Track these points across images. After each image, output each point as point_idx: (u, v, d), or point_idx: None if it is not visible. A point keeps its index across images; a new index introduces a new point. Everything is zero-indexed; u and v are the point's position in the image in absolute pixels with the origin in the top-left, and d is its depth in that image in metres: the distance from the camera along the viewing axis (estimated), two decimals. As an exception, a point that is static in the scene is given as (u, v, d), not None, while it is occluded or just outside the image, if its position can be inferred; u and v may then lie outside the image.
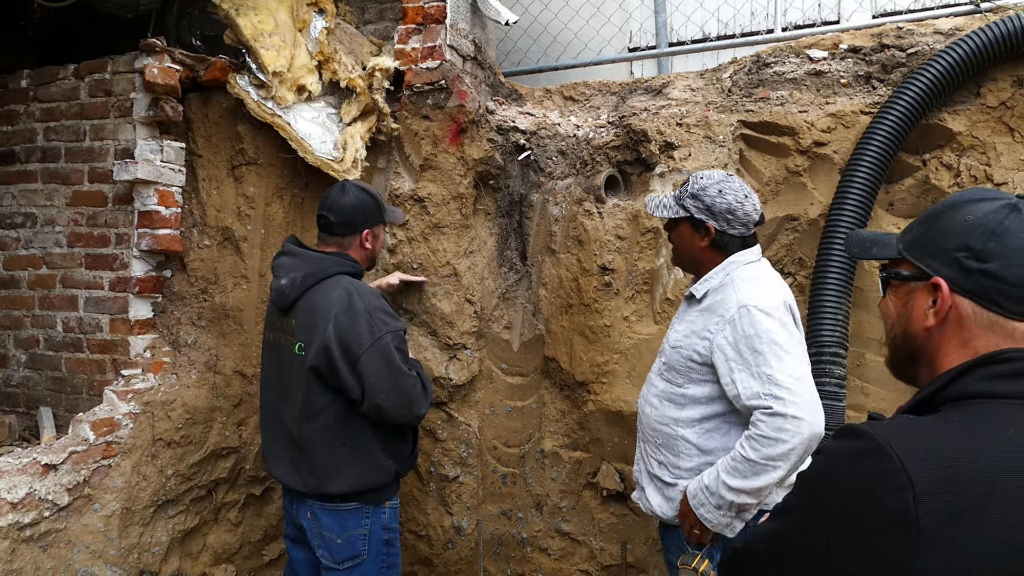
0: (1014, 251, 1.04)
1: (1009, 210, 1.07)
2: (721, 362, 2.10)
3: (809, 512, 1.08)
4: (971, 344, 1.08)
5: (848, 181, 2.77)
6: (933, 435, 0.99)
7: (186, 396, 3.21)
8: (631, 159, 3.25)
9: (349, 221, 2.58)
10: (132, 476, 2.98)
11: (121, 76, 3.24)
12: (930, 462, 0.94)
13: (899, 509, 0.92)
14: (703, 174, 2.25)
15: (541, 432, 3.39)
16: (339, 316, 2.43)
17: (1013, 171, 2.71)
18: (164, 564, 3.10)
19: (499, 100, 3.63)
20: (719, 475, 2.05)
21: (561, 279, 3.29)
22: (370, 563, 2.59)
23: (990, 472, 0.93)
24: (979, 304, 1.07)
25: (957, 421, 1.00)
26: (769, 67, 3.15)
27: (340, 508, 2.53)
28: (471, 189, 3.36)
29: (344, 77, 3.29)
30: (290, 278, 2.52)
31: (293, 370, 2.52)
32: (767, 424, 1.98)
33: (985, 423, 0.99)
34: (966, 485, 0.92)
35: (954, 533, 0.90)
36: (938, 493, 0.92)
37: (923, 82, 2.70)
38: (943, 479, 0.93)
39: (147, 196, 3.18)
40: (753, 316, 2.05)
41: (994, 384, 1.02)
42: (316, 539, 2.58)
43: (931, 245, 1.13)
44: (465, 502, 3.46)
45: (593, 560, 3.31)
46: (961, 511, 0.91)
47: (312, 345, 2.44)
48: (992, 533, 0.91)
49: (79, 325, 3.28)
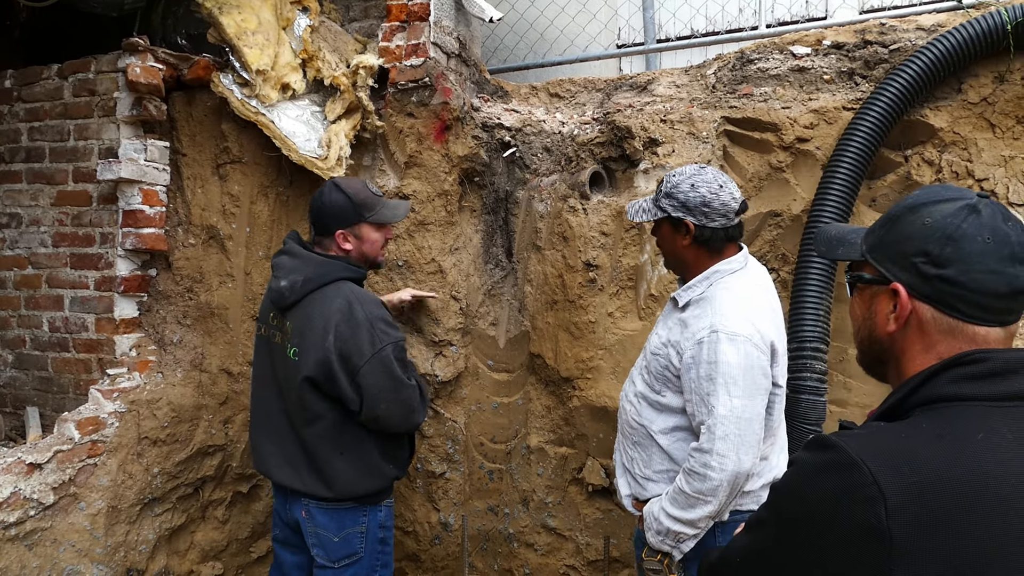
0: (971, 256, 1.03)
1: (968, 212, 1.05)
2: (686, 380, 2.11)
3: (781, 525, 1.08)
4: (934, 349, 1.07)
5: (830, 177, 2.77)
6: (904, 444, 0.98)
7: (172, 394, 3.22)
8: (616, 155, 3.25)
9: (320, 223, 2.56)
10: (118, 474, 2.99)
11: (104, 75, 3.24)
12: (901, 473, 0.94)
13: (871, 522, 0.92)
14: (674, 172, 2.22)
15: (527, 428, 3.40)
16: (340, 326, 2.38)
17: (994, 167, 2.71)
18: (151, 562, 3.12)
19: (484, 97, 3.63)
20: (662, 504, 2.12)
21: (546, 275, 3.30)
22: (366, 561, 2.59)
23: (963, 480, 0.93)
24: (938, 309, 1.06)
25: (927, 428, 1.00)
26: (753, 63, 3.15)
27: (339, 507, 2.52)
28: (456, 186, 3.36)
29: (328, 75, 3.28)
30: (290, 280, 2.48)
31: (288, 371, 2.49)
32: (695, 459, 2.04)
33: (956, 428, 0.98)
34: (939, 495, 0.92)
35: (929, 544, 0.90)
36: (910, 504, 0.91)
37: (905, 78, 2.69)
38: (916, 490, 0.92)
39: (131, 195, 3.19)
40: (719, 344, 2.03)
41: (962, 387, 1.01)
42: (311, 538, 2.55)
43: (891, 249, 1.12)
44: (452, 498, 3.47)
45: (579, 555, 3.32)
46: (935, 521, 0.91)
47: (309, 354, 2.41)
48: (967, 542, 0.90)
49: (65, 325, 3.29)
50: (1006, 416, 0.99)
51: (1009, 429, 0.97)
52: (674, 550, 2.12)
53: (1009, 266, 1.02)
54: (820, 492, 1.00)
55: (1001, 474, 0.93)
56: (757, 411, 2.03)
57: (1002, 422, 0.98)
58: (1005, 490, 0.92)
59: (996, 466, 0.94)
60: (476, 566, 3.51)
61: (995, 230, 1.03)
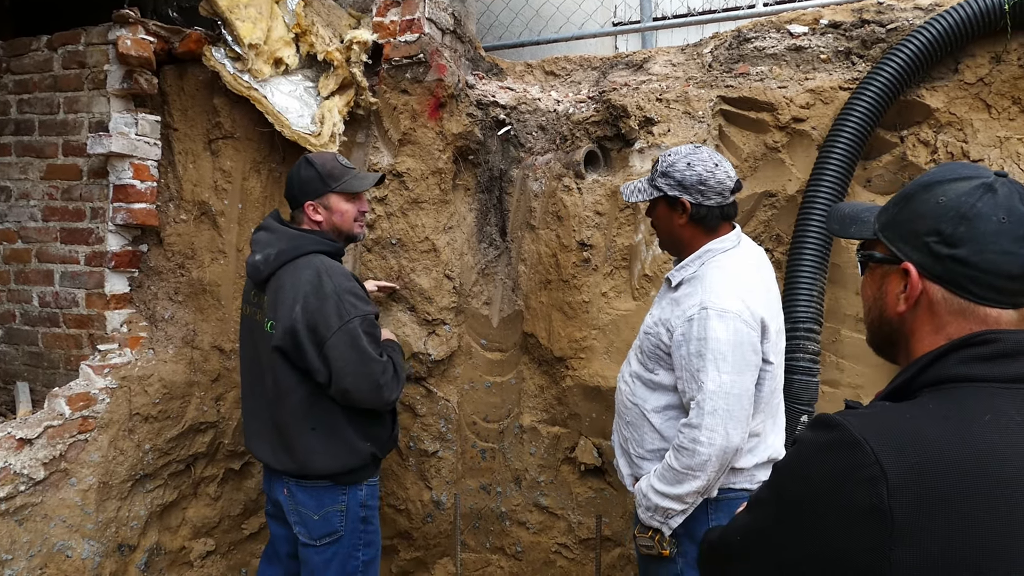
0: (985, 236, 1.00)
1: (983, 191, 1.02)
2: (676, 357, 2.13)
3: (782, 505, 1.06)
4: (944, 330, 1.05)
5: (826, 157, 2.77)
6: (908, 424, 0.97)
7: (163, 371, 3.20)
8: (611, 135, 3.23)
9: (291, 196, 2.60)
10: (109, 450, 2.98)
11: (94, 48, 3.19)
12: (904, 453, 0.92)
13: (872, 502, 0.91)
14: (669, 152, 2.22)
15: (520, 407, 3.40)
16: (308, 297, 2.40)
17: (989, 148, 2.71)
18: (142, 538, 3.12)
19: (479, 74, 3.60)
20: (651, 480, 2.14)
21: (540, 255, 3.29)
22: (347, 540, 2.58)
23: (966, 461, 0.91)
24: (949, 290, 1.04)
25: (933, 408, 0.98)
26: (750, 42, 3.13)
27: (316, 485, 2.53)
28: (450, 164, 3.34)
29: (321, 50, 3.25)
30: (264, 254, 2.51)
31: (264, 347, 2.51)
32: (684, 435, 2.06)
33: (963, 409, 0.96)
34: (941, 475, 0.90)
35: (930, 524, 0.89)
36: (912, 484, 0.90)
37: (901, 58, 2.68)
38: (918, 470, 0.91)
39: (122, 170, 3.15)
40: (709, 321, 2.04)
41: (972, 367, 0.99)
42: (293, 515, 2.57)
43: (903, 228, 1.09)
44: (444, 477, 3.48)
45: (571, 533, 3.34)
46: (936, 502, 0.89)
47: (279, 325, 2.42)
48: (968, 523, 0.88)
49: (55, 300, 3.26)
50: (1015, 398, 0.97)
51: (1017, 411, 0.95)
52: (663, 526, 2.14)
53: (1023, 247, 1.00)
54: (822, 471, 0.99)
55: (1007, 455, 0.91)
56: (746, 387, 2.04)
57: (1011, 404, 0.96)
58: (1010, 471, 0.90)
59: (1002, 448, 0.92)
60: (468, 544, 3.52)
61: (1011, 210, 1.00)
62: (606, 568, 3.26)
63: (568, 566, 3.36)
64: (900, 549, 0.89)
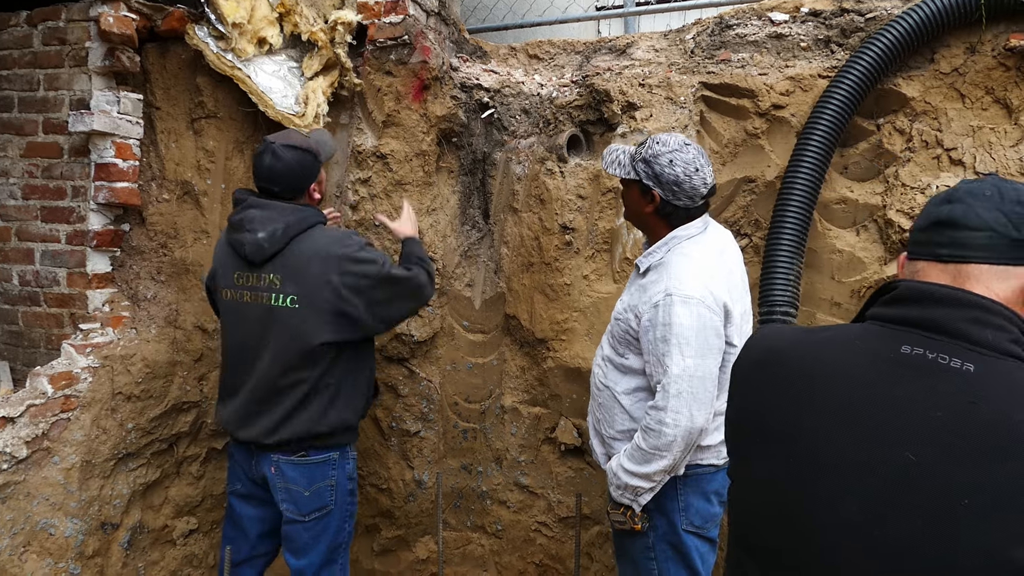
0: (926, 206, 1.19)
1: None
2: (644, 342, 2.20)
3: None
4: None
5: (804, 144, 2.82)
6: (789, 331, 1.25)
7: (146, 350, 3.20)
8: (594, 119, 3.26)
9: (294, 186, 2.57)
10: (92, 429, 2.98)
11: (75, 24, 3.16)
12: (766, 340, 1.25)
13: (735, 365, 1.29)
14: (660, 139, 2.24)
15: (501, 388, 3.44)
16: (343, 262, 2.48)
17: (962, 137, 2.77)
18: (125, 516, 3.13)
19: (463, 57, 3.61)
20: (621, 459, 2.22)
21: (523, 237, 3.32)
22: (336, 513, 2.64)
23: (782, 351, 1.19)
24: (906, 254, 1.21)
25: (829, 329, 1.19)
26: (731, 29, 3.16)
27: (307, 461, 2.57)
28: (434, 146, 3.35)
29: (306, 30, 3.24)
30: (268, 231, 2.47)
31: (275, 324, 2.49)
32: (651, 416, 2.14)
33: (843, 331, 1.16)
34: (760, 354, 1.23)
35: (739, 388, 1.25)
36: (745, 357, 1.26)
37: (879, 48, 2.73)
38: (757, 350, 1.24)
39: (104, 148, 3.13)
40: (672, 307, 2.11)
41: (876, 309, 1.15)
42: (281, 493, 2.58)
43: None
44: (426, 456, 3.52)
45: (551, 512, 3.40)
46: (746, 372, 1.24)
47: (309, 295, 2.46)
48: (752, 391, 1.21)
49: (35, 278, 3.25)
50: (889, 335, 1.09)
51: (881, 343, 1.08)
52: (633, 503, 2.22)
53: (937, 206, 1.15)
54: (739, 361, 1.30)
55: (816, 355, 1.15)
56: (710, 370, 2.12)
57: (878, 339, 1.10)
58: (800, 364, 1.15)
59: (820, 351, 1.15)
60: (449, 522, 3.57)
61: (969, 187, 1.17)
62: (585, 545, 3.32)
63: (548, 544, 3.42)
64: (733, 398, 1.26)
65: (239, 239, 2.52)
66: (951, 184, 2.71)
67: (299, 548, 2.62)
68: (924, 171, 2.80)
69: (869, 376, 1.06)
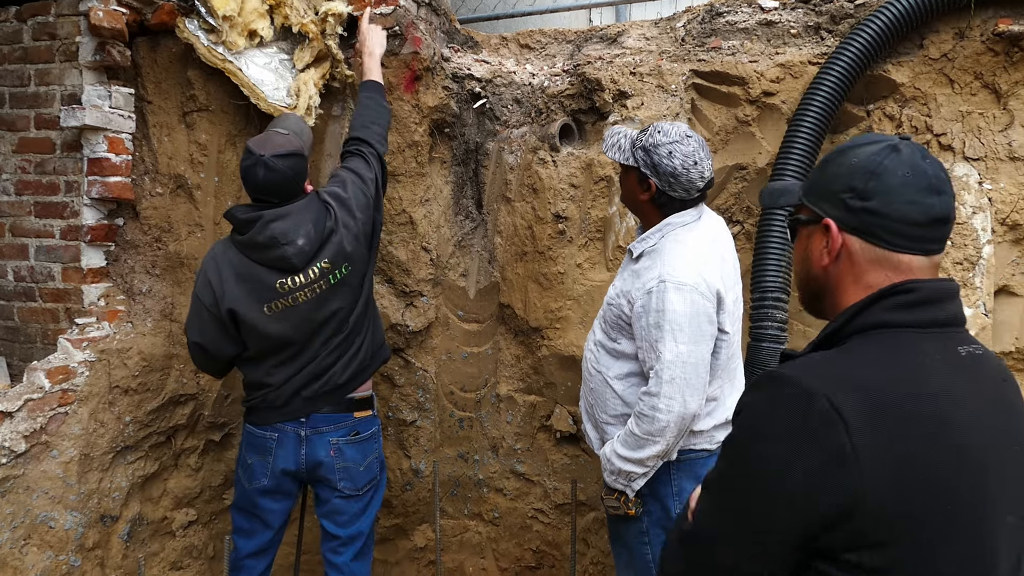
0: (892, 188, 1.12)
1: (889, 150, 1.14)
2: (636, 328, 2.22)
3: (746, 471, 1.10)
4: (863, 279, 1.16)
5: (794, 131, 2.83)
6: (853, 370, 1.06)
7: (142, 344, 3.22)
8: (585, 108, 3.27)
9: (292, 190, 2.62)
10: (89, 423, 3.00)
11: (65, 19, 3.15)
12: (853, 397, 1.01)
13: (837, 445, 0.99)
14: (661, 128, 2.23)
15: (497, 377, 3.46)
16: (339, 212, 2.65)
17: (952, 122, 2.79)
18: (124, 508, 3.15)
19: (455, 47, 3.61)
20: (614, 445, 2.24)
21: (516, 227, 3.33)
22: (382, 480, 2.94)
23: (904, 398, 1.02)
24: (865, 240, 1.15)
25: (869, 354, 1.08)
26: (722, 16, 3.17)
27: (361, 438, 2.78)
28: (426, 137, 3.36)
29: (296, 22, 3.23)
30: (304, 234, 2.55)
31: (333, 302, 2.65)
32: (644, 402, 2.15)
33: (895, 354, 1.07)
34: (890, 418, 1.00)
35: (887, 462, 0.99)
36: (867, 427, 0.99)
37: (868, 34, 2.74)
38: (870, 413, 1.00)
39: (96, 143, 3.14)
40: (666, 293, 2.12)
41: (896, 314, 1.10)
42: (339, 473, 2.74)
43: (822, 189, 1.21)
44: (423, 445, 3.55)
45: (547, 499, 3.43)
46: (888, 438, 0.99)
47: (354, 243, 2.65)
48: (913, 450, 1.00)
49: (31, 274, 3.26)
50: (935, 340, 1.09)
51: (937, 351, 1.07)
52: (627, 488, 2.24)
53: (927, 196, 1.11)
54: (780, 427, 1.05)
55: (936, 395, 1.05)
56: (702, 356, 2.14)
57: (932, 346, 1.08)
58: (942, 409, 1.04)
59: (932, 386, 1.05)
60: (447, 511, 3.61)
61: (914, 165, 1.12)
62: (581, 532, 3.36)
63: (544, 530, 3.46)
64: (868, 486, 0.98)
65: (279, 255, 2.54)
66: (940, 169, 2.73)
67: (349, 519, 2.80)
68: (914, 157, 2.81)
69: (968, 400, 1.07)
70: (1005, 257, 2.71)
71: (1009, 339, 2.72)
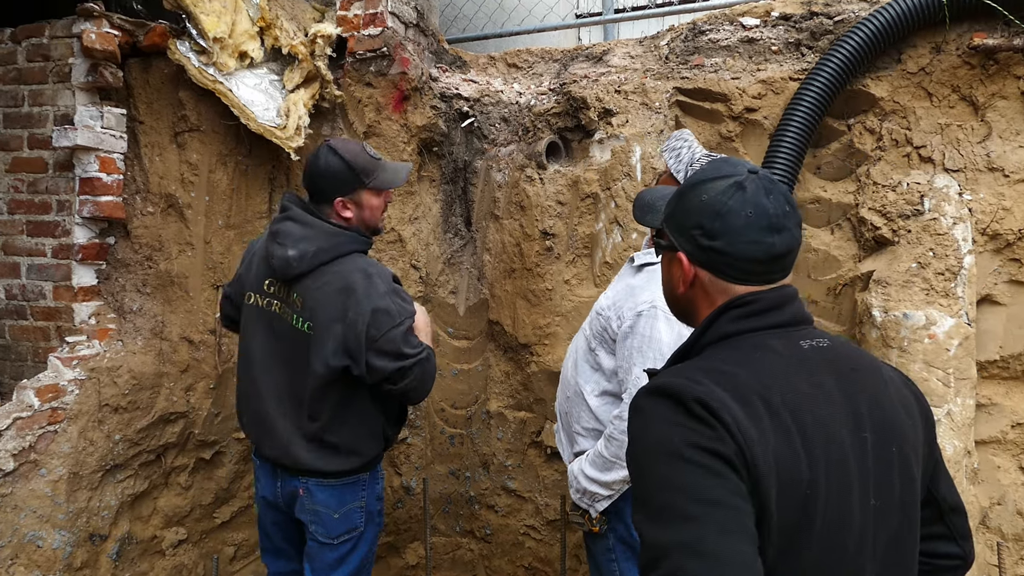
0: (735, 229, 1.18)
1: (735, 189, 1.20)
2: (620, 347, 2.21)
3: (664, 476, 1.09)
4: (716, 303, 1.24)
5: (776, 146, 2.86)
6: (704, 367, 1.16)
7: (132, 362, 3.23)
8: (571, 126, 3.31)
9: (319, 190, 2.39)
10: (79, 441, 3.00)
11: (59, 41, 3.21)
12: (709, 385, 1.10)
13: (727, 425, 1.07)
14: (704, 157, 2.22)
15: (487, 394, 3.47)
16: (361, 302, 2.27)
17: (931, 135, 2.82)
18: (114, 527, 3.15)
19: (442, 67, 3.66)
20: (583, 464, 2.23)
21: (504, 244, 3.36)
22: (368, 535, 2.52)
23: (761, 386, 1.11)
24: (713, 274, 1.23)
25: (713, 354, 1.19)
26: (704, 34, 3.22)
27: (339, 483, 2.42)
28: (415, 156, 3.40)
29: (286, 43, 3.29)
30: (299, 250, 2.31)
31: (296, 342, 2.36)
32: (615, 426, 2.15)
33: (737, 351, 1.17)
34: (739, 398, 1.08)
35: (758, 433, 1.06)
36: (731, 406, 1.07)
37: (847, 49, 2.78)
38: (732, 396, 1.08)
39: (88, 163, 3.17)
40: (656, 321, 2.12)
41: (739, 323, 1.20)
42: (308, 515, 2.44)
43: (677, 221, 1.27)
44: (413, 463, 3.54)
45: (538, 515, 3.42)
46: (756, 422, 1.07)
47: (329, 331, 2.29)
48: (774, 430, 1.08)
49: (22, 292, 3.28)
50: (777, 338, 1.19)
51: (780, 347, 1.17)
52: (590, 508, 2.25)
53: (767, 236, 1.18)
54: (680, 436, 1.07)
55: (776, 379, 1.13)
56: None
57: (775, 342, 1.18)
58: (789, 395, 1.12)
59: (775, 373, 1.14)
60: (438, 528, 3.60)
61: (756, 205, 1.18)
62: (573, 547, 3.34)
63: (536, 547, 3.45)
64: (755, 451, 1.04)
65: (272, 250, 2.36)
66: (920, 182, 2.77)
67: (324, 568, 2.47)
68: (895, 169, 2.85)
69: (808, 388, 1.15)
70: (987, 266, 2.73)
71: (993, 348, 2.74)
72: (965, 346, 2.60)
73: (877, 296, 2.68)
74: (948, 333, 2.58)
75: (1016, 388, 2.76)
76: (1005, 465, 2.75)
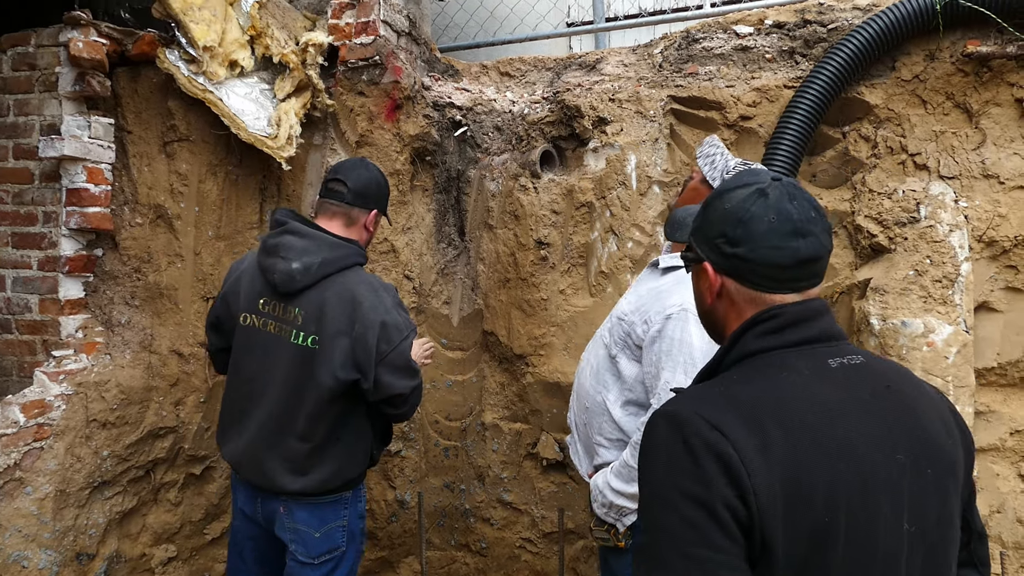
0: (758, 235, 1.17)
1: (757, 195, 1.19)
2: (647, 352, 2.14)
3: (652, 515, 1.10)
4: (743, 315, 1.22)
5: (772, 154, 2.86)
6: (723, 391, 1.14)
7: (121, 376, 3.17)
8: (565, 134, 3.30)
9: (365, 193, 2.40)
10: (66, 458, 2.94)
11: (45, 49, 3.15)
12: (729, 413, 1.08)
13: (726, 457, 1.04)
14: (740, 164, 2.21)
15: (482, 405, 3.44)
16: (369, 314, 2.26)
17: (926, 142, 2.82)
18: (102, 546, 3.08)
19: (435, 76, 3.64)
20: (608, 477, 2.17)
21: (499, 254, 3.33)
22: (350, 554, 2.49)
23: (778, 412, 1.08)
24: (738, 282, 1.21)
25: (733, 375, 1.17)
26: (698, 43, 3.22)
27: (321, 502, 2.39)
28: (408, 165, 3.37)
29: (277, 52, 3.26)
30: (303, 263, 2.28)
31: (293, 362, 2.31)
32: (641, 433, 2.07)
33: (760, 371, 1.15)
34: (758, 424, 1.06)
35: (767, 462, 1.04)
36: (747, 436, 1.05)
37: (841, 57, 2.79)
38: (743, 423, 1.06)
39: (75, 173, 3.12)
40: (687, 324, 2.06)
41: (763, 340, 1.17)
42: (289, 534, 2.40)
43: (703, 232, 1.26)
44: (408, 476, 3.50)
45: (535, 528, 3.38)
46: (767, 444, 1.05)
47: (336, 343, 2.26)
48: (792, 454, 1.05)
49: (7, 305, 3.21)
50: (803, 357, 1.16)
51: (806, 366, 1.15)
52: (617, 523, 2.17)
53: (791, 240, 1.16)
54: (692, 463, 1.06)
55: (800, 401, 1.10)
56: None
57: (800, 362, 1.15)
58: (807, 417, 1.09)
59: (797, 396, 1.11)
60: (433, 542, 3.55)
61: (780, 210, 1.17)
62: (570, 560, 3.31)
63: (533, 560, 3.40)
64: (759, 487, 1.02)
65: (270, 265, 2.32)
66: (916, 189, 2.77)
67: None
68: (890, 176, 2.85)
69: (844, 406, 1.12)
70: (983, 273, 2.73)
71: (991, 355, 2.74)
72: (963, 353, 2.59)
73: (875, 304, 2.68)
74: (946, 341, 2.58)
75: (1014, 395, 2.76)
76: (1004, 473, 2.74)
